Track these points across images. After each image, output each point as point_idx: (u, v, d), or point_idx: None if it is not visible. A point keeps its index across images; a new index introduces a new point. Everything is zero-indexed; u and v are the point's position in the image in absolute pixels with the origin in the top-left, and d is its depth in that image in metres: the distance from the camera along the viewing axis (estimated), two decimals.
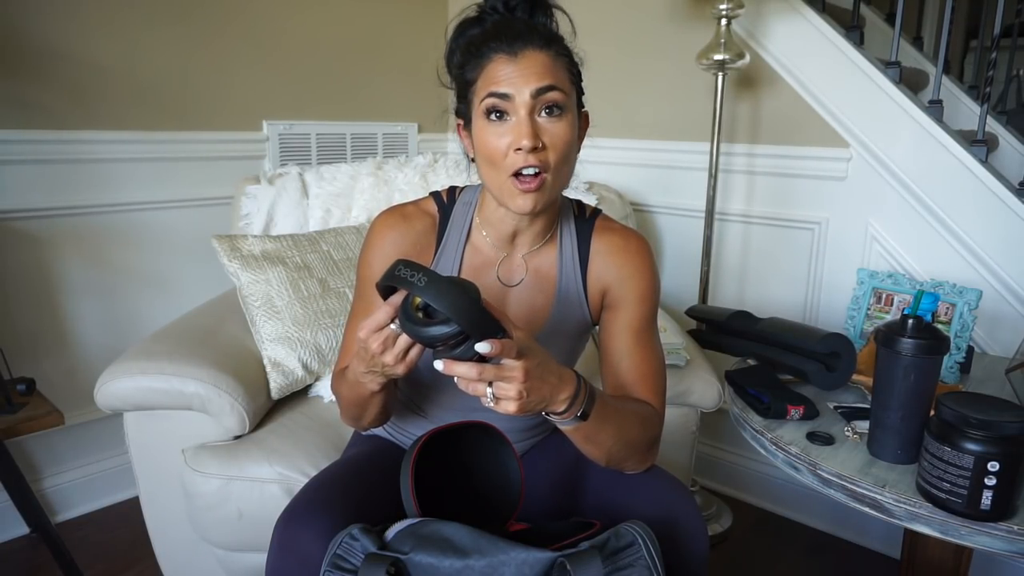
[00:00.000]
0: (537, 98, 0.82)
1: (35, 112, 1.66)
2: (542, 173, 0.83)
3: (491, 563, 0.73)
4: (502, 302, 0.97)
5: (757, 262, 1.89)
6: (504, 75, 0.82)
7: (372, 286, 0.91)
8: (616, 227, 1.00)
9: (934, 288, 1.33)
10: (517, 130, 0.82)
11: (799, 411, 1.12)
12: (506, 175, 0.84)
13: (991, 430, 0.83)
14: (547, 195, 0.85)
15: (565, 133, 0.84)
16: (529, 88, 0.82)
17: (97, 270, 1.81)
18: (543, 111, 0.83)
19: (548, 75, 0.83)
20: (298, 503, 0.87)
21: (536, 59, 0.83)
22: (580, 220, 0.99)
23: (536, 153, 0.82)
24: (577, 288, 0.97)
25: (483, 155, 0.86)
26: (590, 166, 2.13)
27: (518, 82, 0.82)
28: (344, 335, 1.00)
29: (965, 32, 3.04)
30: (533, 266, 0.97)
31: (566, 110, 0.85)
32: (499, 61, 0.83)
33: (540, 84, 0.82)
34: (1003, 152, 2.03)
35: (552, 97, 0.83)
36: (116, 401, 1.23)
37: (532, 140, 0.81)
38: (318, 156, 2.19)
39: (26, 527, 1.70)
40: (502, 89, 0.82)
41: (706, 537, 0.89)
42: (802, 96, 1.75)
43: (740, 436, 1.20)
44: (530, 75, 0.82)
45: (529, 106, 0.82)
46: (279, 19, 2.06)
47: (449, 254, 0.96)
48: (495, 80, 0.83)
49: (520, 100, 0.82)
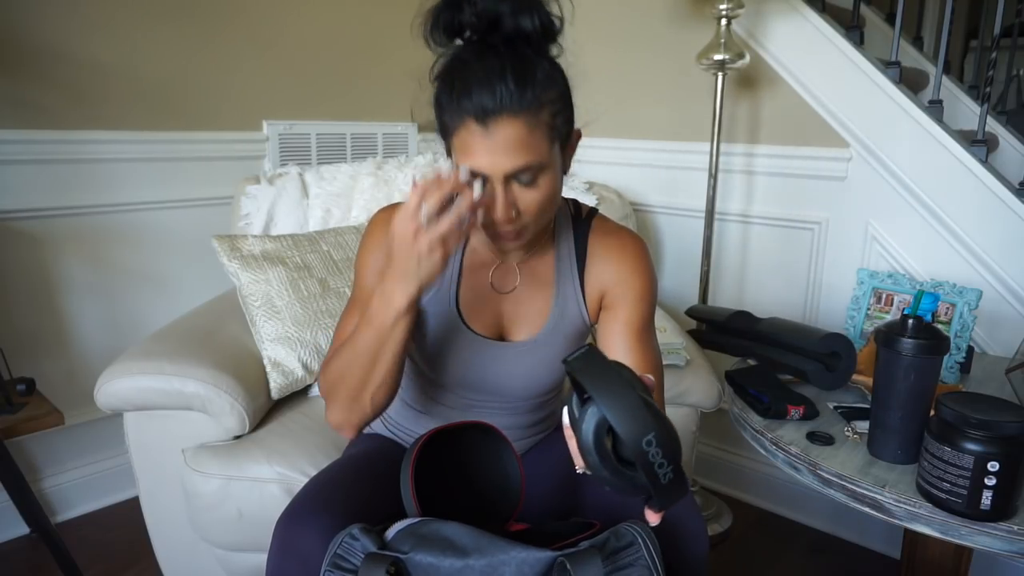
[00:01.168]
0: (511, 177, 0.80)
1: (35, 112, 1.66)
2: (520, 231, 0.84)
3: (491, 563, 0.73)
4: (500, 301, 0.97)
5: (757, 262, 1.89)
6: (477, 151, 0.79)
7: (371, 277, 0.92)
8: (613, 228, 1.00)
9: (934, 288, 1.33)
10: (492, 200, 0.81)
11: (799, 411, 1.12)
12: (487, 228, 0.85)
13: (991, 430, 0.83)
14: (530, 237, 0.87)
15: (542, 197, 0.83)
16: (503, 169, 0.79)
17: (97, 270, 1.81)
18: (520, 179, 0.81)
19: (522, 152, 0.78)
20: (298, 503, 0.87)
21: (510, 131, 0.77)
22: (577, 221, 0.99)
23: (512, 221, 0.82)
24: (575, 290, 0.97)
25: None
26: (590, 166, 2.13)
27: (492, 160, 0.79)
28: (336, 330, 0.97)
29: (965, 32, 3.04)
30: (529, 269, 0.97)
31: (545, 171, 0.82)
32: (472, 131, 0.78)
33: (513, 166, 0.79)
34: (1003, 152, 2.03)
35: (527, 171, 0.80)
36: (116, 401, 1.22)
37: (506, 214, 0.81)
38: (318, 156, 2.19)
39: (26, 527, 1.70)
40: (476, 166, 0.79)
41: (706, 537, 0.89)
42: (802, 96, 1.75)
43: (740, 436, 1.20)
44: (503, 154, 0.78)
45: (503, 181, 0.80)
46: (279, 19, 2.06)
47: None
48: (469, 152, 0.79)
49: (495, 177, 0.80)
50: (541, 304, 0.97)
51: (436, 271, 0.79)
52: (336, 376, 0.88)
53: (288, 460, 1.21)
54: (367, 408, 0.88)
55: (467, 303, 0.96)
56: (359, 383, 0.86)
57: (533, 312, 0.97)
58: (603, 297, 0.97)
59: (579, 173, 1.97)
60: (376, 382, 0.86)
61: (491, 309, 0.97)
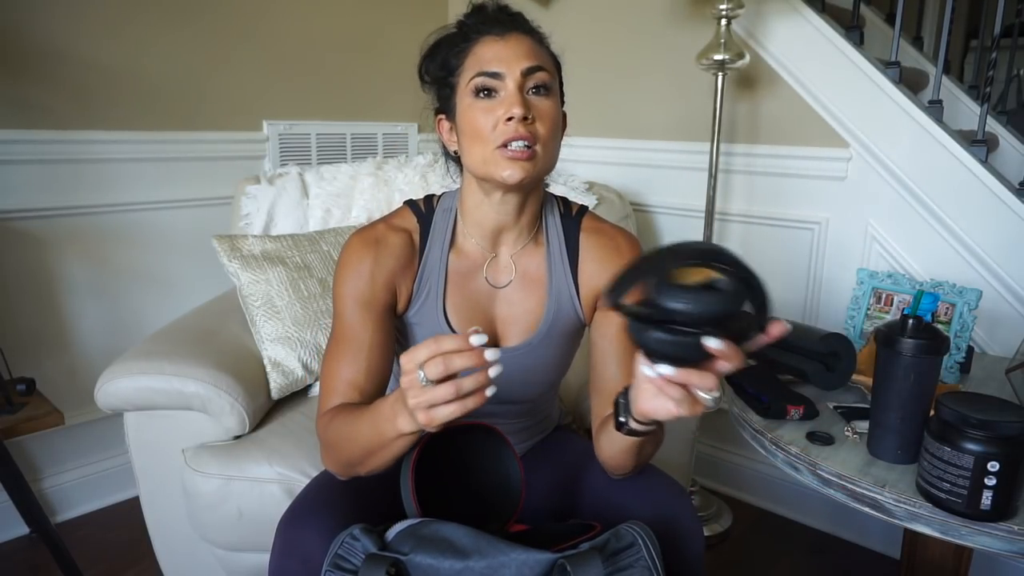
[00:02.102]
0: (527, 76, 0.83)
1: (36, 112, 1.66)
2: (532, 147, 0.83)
3: (491, 564, 0.73)
4: (492, 304, 0.96)
5: (757, 262, 1.86)
6: (493, 55, 0.84)
7: (352, 311, 0.89)
8: (605, 227, 0.99)
9: (934, 288, 1.33)
10: (508, 101, 0.82)
11: (799, 411, 1.12)
12: (493, 146, 0.83)
13: (991, 430, 0.83)
14: (536, 168, 0.84)
15: (553, 110, 0.86)
16: (520, 66, 0.83)
17: (98, 270, 1.81)
18: (531, 91, 0.84)
19: (536, 56, 0.85)
20: (300, 503, 0.88)
21: (524, 42, 0.85)
22: (566, 218, 0.98)
23: (527, 124, 0.82)
24: (569, 288, 0.96)
25: (469, 133, 0.85)
26: (590, 166, 2.13)
27: (509, 61, 0.83)
28: (324, 370, 0.90)
29: (965, 32, 3.04)
30: (521, 267, 0.96)
31: (552, 92, 0.86)
32: (487, 42, 0.85)
33: (530, 63, 0.83)
34: (1003, 152, 2.03)
35: (541, 77, 0.84)
36: (116, 401, 1.22)
37: (524, 109, 0.82)
38: (318, 156, 2.19)
39: (26, 527, 1.70)
40: (492, 68, 0.83)
41: (702, 537, 0.89)
42: (802, 96, 1.75)
43: (740, 436, 1.20)
44: (520, 55, 0.84)
45: (519, 83, 0.83)
46: (279, 19, 2.06)
47: (433, 263, 0.94)
48: (484, 60, 0.84)
49: (511, 77, 0.83)
50: (534, 304, 0.96)
51: (432, 425, 0.67)
52: (334, 440, 0.84)
53: (288, 460, 1.21)
54: (362, 473, 0.85)
55: (457, 312, 0.94)
56: (357, 460, 0.82)
57: (526, 313, 0.96)
58: (598, 299, 0.96)
59: (579, 173, 1.97)
60: (372, 466, 0.82)
61: (483, 314, 0.96)
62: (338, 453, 0.85)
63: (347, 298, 0.90)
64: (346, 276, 0.91)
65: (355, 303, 0.89)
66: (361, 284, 0.90)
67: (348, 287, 0.90)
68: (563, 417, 1.26)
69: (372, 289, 0.90)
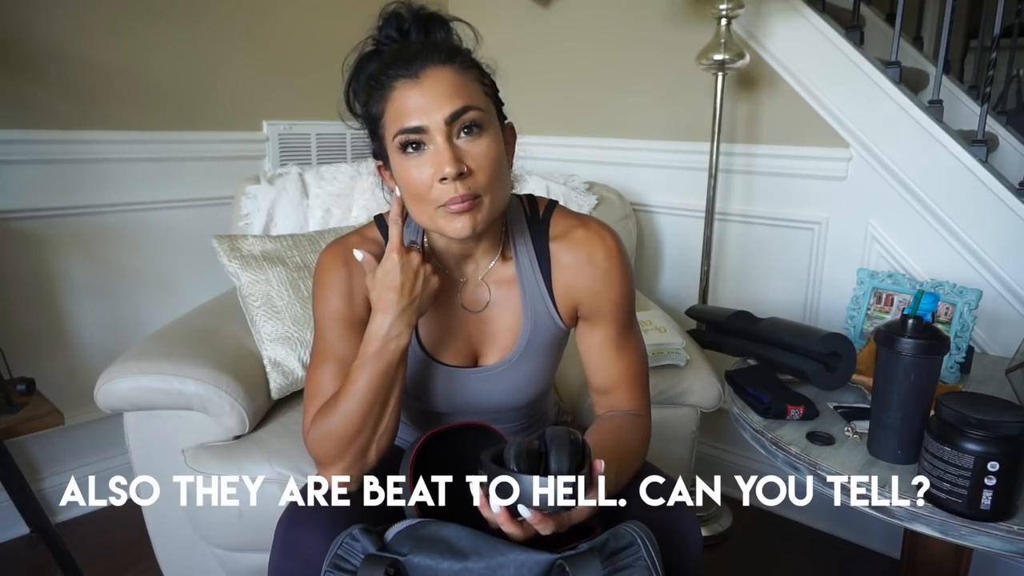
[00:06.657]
0: (452, 123, 0.76)
1: (36, 112, 1.66)
2: (474, 198, 0.77)
3: (490, 565, 0.73)
4: (466, 325, 0.94)
5: (757, 262, 1.89)
6: (412, 105, 0.76)
7: (332, 329, 0.89)
8: (577, 232, 0.91)
9: (934, 288, 1.33)
10: (437, 159, 0.76)
11: (799, 411, 1.12)
12: (435, 207, 0.78)
13: (991, 430, 0.83)
14: (486, 214, 0.79)
15: (490, 151, 0.78)
16: (442, 114, 0.76)
17: (97, 270, 1.81)
18: (461, 133, 0.77)
19: (458, 95, 0.76)
20: (300, 503, 0.88)
21: (441, 77, 0.77)
22: (533, 222, 0.93)
23: (464, 180, 0.76)
24: (543, 299, 0.92)
25: (408, 192, 0.80)
26: (591, 166, 2.13)
27: (429, 110, 0.76)
28: (308, 384, 0.91)
29: (965, 32, 3.03)
30: (493, 287, 0.93)
31: (486, 127, 0.79)
32: (402, 88, 0.77)
33: (453, 108, 0.76)
34: (1003, 152, 2.03)
35: (469, 117, 0.77)
36: (116, 401, 1.23)
37: (455, 166, 0.75)
38: (318, 156, 2.19)
39: (26, 527, 1.70)
40: (412, 123, 0.76)
41: (700, 537, 0.89)
42: (802, 96, 1.75)
43: (740, 436, 1.20)
44: (440, 98, 0.76)
45: (445, 132, 0.76)
46: (279, 20, 2.06)
47: None
48: (403, 113, 0.77)
49: (435, 129, 0.76)
50: (510, 320, 0.93)
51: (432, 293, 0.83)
52: (338, 433, 0.84)
53: (288, 460, 1.21)
54: (372, 458, 0.87)
55: (430, 336, 0.93)
56: (368, 432, 0.84)
57: (504, 330, 0.94)
58: (578, 309, 0.93)
59: (579, 173, 1.97)
60: (383, 427, 0.85)
61: (460, 335, 0.94)
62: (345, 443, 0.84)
63: (325, 318, 0.90)
64: (323, 295, 0.90)
65: (333, 321, 0.89)
66: (337, 301, 0.89)
67: (326, 307, 0.89)
68: (561, 415, 1.26)
69: (350, 306, 0.89)
